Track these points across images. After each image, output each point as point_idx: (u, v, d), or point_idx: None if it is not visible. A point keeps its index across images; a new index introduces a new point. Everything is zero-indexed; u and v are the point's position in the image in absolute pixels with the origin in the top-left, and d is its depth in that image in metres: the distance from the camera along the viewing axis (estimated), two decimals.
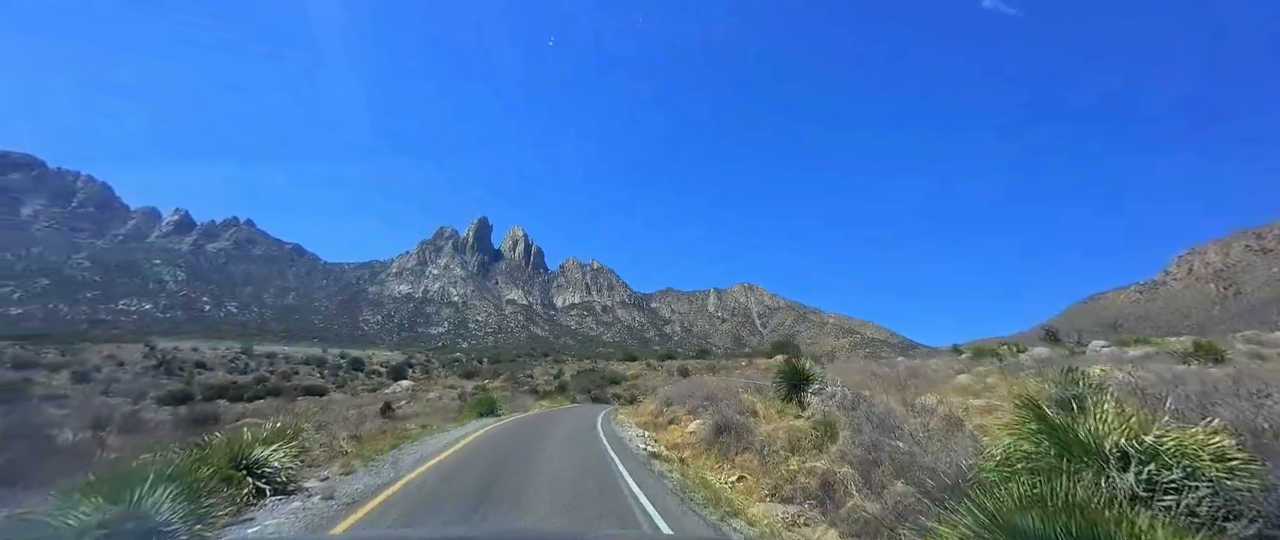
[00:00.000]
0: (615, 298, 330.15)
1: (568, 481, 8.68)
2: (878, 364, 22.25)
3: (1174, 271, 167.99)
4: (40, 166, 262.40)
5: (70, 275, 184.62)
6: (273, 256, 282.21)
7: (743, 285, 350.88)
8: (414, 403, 27.77)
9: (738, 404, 12.91)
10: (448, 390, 35.20)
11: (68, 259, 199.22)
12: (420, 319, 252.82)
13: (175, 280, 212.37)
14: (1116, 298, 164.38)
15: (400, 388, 38.64)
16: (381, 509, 6.79)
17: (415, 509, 6.82)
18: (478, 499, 7.35)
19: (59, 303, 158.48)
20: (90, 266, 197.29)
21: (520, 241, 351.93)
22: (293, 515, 6.56)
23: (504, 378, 52.55)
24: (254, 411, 22.39)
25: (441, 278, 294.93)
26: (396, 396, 30.47)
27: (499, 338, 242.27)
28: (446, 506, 6.95)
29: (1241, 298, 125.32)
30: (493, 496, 7.50)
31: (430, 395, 30.85)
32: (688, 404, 16.66)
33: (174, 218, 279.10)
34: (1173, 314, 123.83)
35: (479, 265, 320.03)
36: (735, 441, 10.24)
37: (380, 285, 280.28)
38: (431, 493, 7.78)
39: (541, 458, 11.08)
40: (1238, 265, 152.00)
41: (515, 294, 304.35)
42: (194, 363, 57.35)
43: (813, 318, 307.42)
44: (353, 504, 7.06)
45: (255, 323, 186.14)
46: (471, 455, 11.56)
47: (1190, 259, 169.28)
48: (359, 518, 6.43)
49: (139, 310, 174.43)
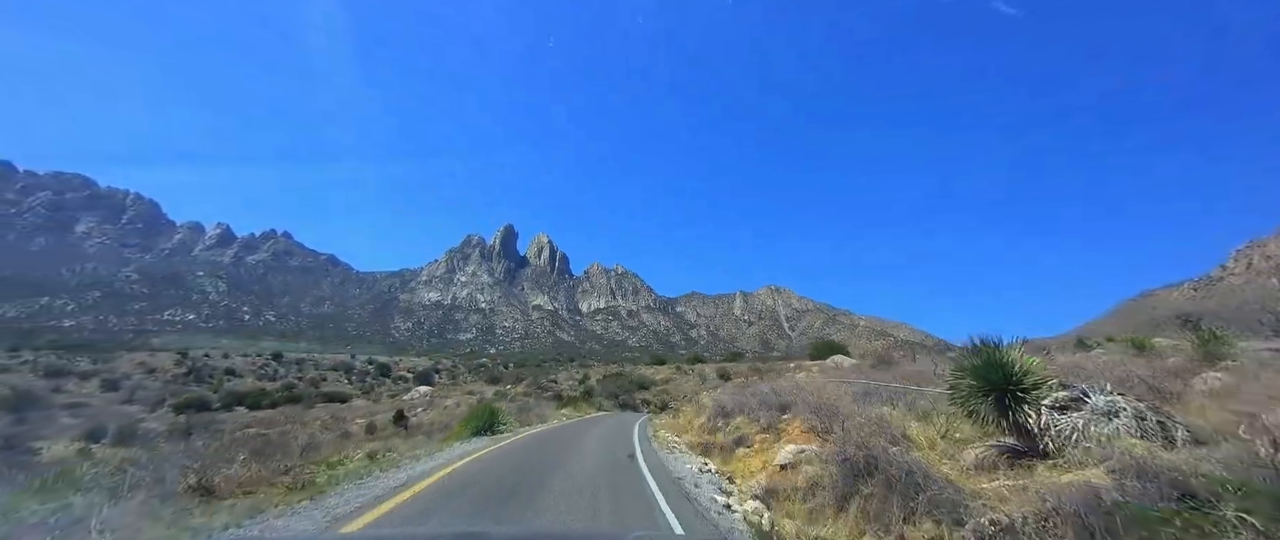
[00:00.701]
0: (640, 302, 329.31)
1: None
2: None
3: (1232, 266, 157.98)
4: (92, 186, 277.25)
5: (119, 288, 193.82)
6: (309, 267, 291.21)
7: (769, 288, 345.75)
8: (431, 409, 27.11)
9: (871, 422, 8.09)
10: (467, 396, 34.12)
11: (117, 273, 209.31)
12: (449, 325, 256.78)
13: (217, 291, 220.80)
14: (1170, 295, 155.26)
15: (419, 394, 37.96)
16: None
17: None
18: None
19: (109, 314, 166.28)
20: (138, 279, 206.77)
21: (545, 248, 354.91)
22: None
23: (526, 383, 51.47)
24: (264, 421, 22.30)
25: (469, 285, 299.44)
26: (414, 403, 29.76)
27: (525, 343, 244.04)
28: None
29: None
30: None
31: (448, 402, 29.85)
32: (759, 416, 12.72)
33: (216, 232, 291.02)
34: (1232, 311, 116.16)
35: (505, 272, 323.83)
36: (896, 496, 5.39)
37: (410, 293, 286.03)
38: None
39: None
40: None
41: (541, 300, 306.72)
42: (224, 370, 58.82)
43: (843, 320, 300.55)
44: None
45: (292, 331, 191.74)
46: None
47: (1249, 252, 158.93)
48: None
49: (183, 320, 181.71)
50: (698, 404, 22.19)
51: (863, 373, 21.81)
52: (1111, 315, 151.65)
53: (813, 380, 18.40)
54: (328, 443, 15.13)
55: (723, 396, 18.83)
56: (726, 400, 17.09)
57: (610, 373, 68.52)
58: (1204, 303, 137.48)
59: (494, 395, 35.37)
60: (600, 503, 7.19)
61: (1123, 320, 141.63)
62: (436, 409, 27.05)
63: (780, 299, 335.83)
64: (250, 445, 11.78)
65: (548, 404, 36.03)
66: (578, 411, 32.07)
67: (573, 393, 58.61)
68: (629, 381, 57.10)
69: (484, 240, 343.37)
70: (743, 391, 18.20)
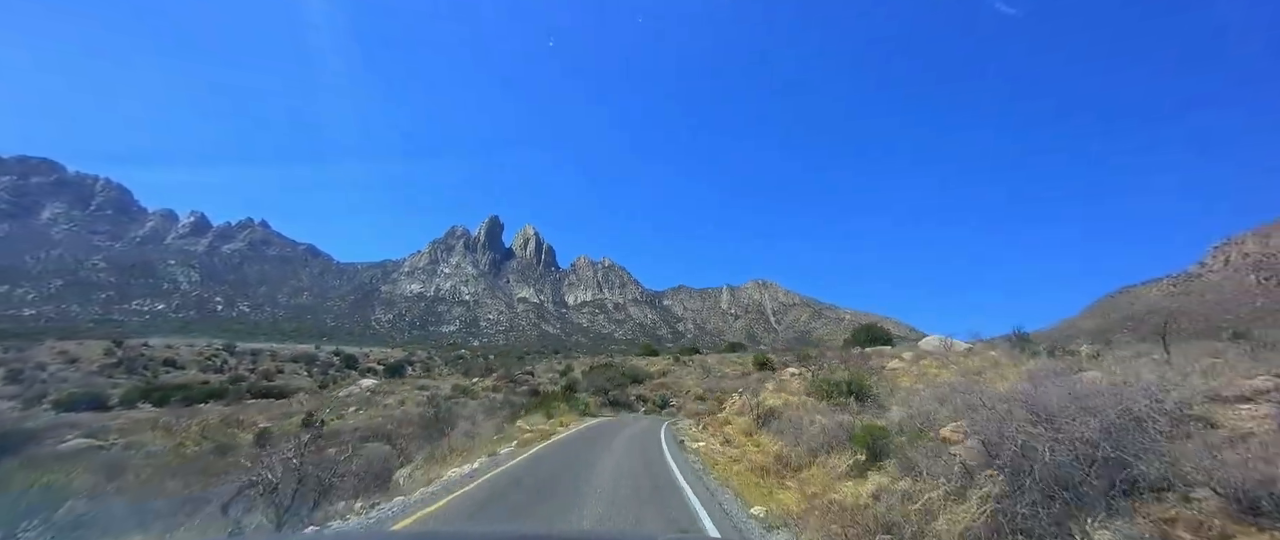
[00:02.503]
0: (627, 295, 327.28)
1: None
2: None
3: (1210, 263, 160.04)
4: (60, 170, 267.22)
5: (85, 276, 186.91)
6: (287, 257, 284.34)
7: (756, 282, 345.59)
8: (368, 408, 24.26)
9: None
10: (416, 393, 30.62)
11: (84, 260, 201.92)
12: (432, 318, 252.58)
13: (189, 281, 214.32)
14: (1148, 292, 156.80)
15: (358, 389, 34.09)
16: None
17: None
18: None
19: (72, 303, 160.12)
20: (106, 268, 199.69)
21: (531, 240, 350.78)
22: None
23: (497, 376, 47.85)
24: (143, 422, 19.72)
25: (453, 276, 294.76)
26: (348, 401, 26.60)
27: (510, 336, 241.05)
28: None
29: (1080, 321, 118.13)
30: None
31: (388, 400, 26.27)
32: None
33: (190, 219, 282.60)
34: (1211, 307, 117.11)
35: (490, 264, 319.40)
36: None
37: (392, 285, 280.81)
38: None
39: None
40: (1278, 254, 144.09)
41: (527, 292, 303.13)
42: (163, 361, 55.36)
43: (829, 314, 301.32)
44: None
45: (268, 322, 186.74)
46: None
47: (1227, 249, 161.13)
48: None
49: (152, 310, 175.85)
50: (732, 403, 18.37)
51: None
52: (1091, 311, 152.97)
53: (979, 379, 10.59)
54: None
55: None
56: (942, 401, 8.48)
57: (598, 364, 59.57)
58: (1182, 299, 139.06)
59: (453, 391, 31.88)
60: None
61: (1100, 316, 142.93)
62: (374, 408, 24.15)
63: (767, 293, 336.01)
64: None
65: (505, 413, 27.52)
66: (554, 419, 21.67)
67: (552, 387, 50.68)
68: (620, 374, 49.67)
69: (468, 231, 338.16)
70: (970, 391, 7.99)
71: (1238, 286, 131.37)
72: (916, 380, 14.99)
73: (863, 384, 14.13)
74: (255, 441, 17.78)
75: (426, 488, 9.30)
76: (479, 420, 18.99)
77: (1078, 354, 14.71)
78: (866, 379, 14.66)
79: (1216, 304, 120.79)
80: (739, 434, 14.41)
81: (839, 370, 17.14)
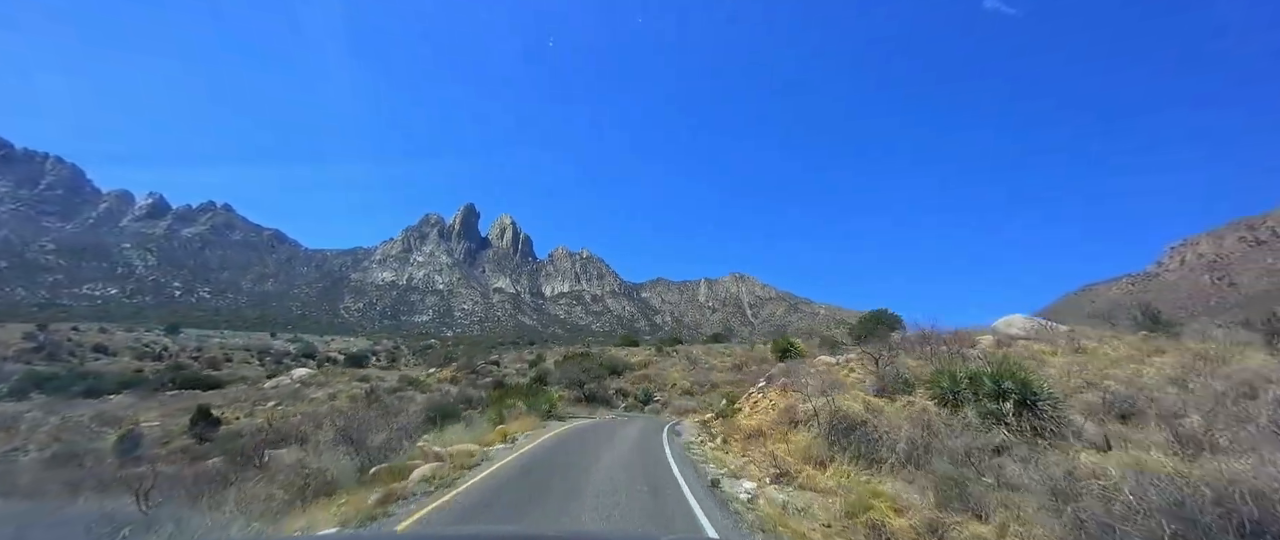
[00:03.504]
0: (605, 287, 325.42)
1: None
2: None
3: (1167, 263, 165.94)
4: (7, 147, 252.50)
5: (32, 258, 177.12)
6: (252, 242, 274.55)
7: (734, 275, 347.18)
8: (297, 402, 22.16)
9: None
10: (355, 385, 28.16)
11: (32, 242, 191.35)
12: (404, 307, 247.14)
13: (145, 265, 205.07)
14: (1109, 290, 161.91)
15: (287, 381, 31.32)
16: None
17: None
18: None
19: (16, 286, 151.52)
20: (55, 249, 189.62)
21: (508, 229, 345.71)
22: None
23: (456, 366, 45.38)
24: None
25: (426, 265, 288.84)
26: (269, 395, 24.29)
27: (485, 326, 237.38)
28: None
29: (1237, 289, 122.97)
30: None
31: (317, 394, 24.15)
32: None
33: (148, 201, 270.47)
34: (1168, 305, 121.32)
35: (465, 253, 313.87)
36: None
37: (363, 272, 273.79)
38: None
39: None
40: (1231, 256, 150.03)
41: (503, 282, 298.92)
42: (92, 347, 51.78)
43: (804, 308, 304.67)
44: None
45: (229, 309, 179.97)
46: None
47: (1183, 250, 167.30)
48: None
49: (103, 294, 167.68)
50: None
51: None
52: (1056, 306, 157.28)
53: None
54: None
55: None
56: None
57: (572, 353, 54.23)
58: (1140, 296, 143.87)
59: (399, 383, 29.58)
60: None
61: (1063, 312, 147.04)
62: (303, 402, 22.02)
63: (744, 286, 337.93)
64: None
65: (476, 404, 23.11)
66: (502, 427, 15.75)
67: (520, 378, 46.62)
68: (597, 365, 45.49)
69: (443, 219, 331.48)
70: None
71: (1193, 285, 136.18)
72: (1069, 375, 10.94)
73: (1027, 382, 8.93)
74: (116, 446, 15.61)
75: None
76: (413, 426, 13.90)
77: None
78: (1024, 373, 9.59)
79: (1173, 302, 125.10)
80: (801, 460, 9.35)
81: (953, 362, 12.10)
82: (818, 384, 12.74)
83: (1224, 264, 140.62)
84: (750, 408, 15.99)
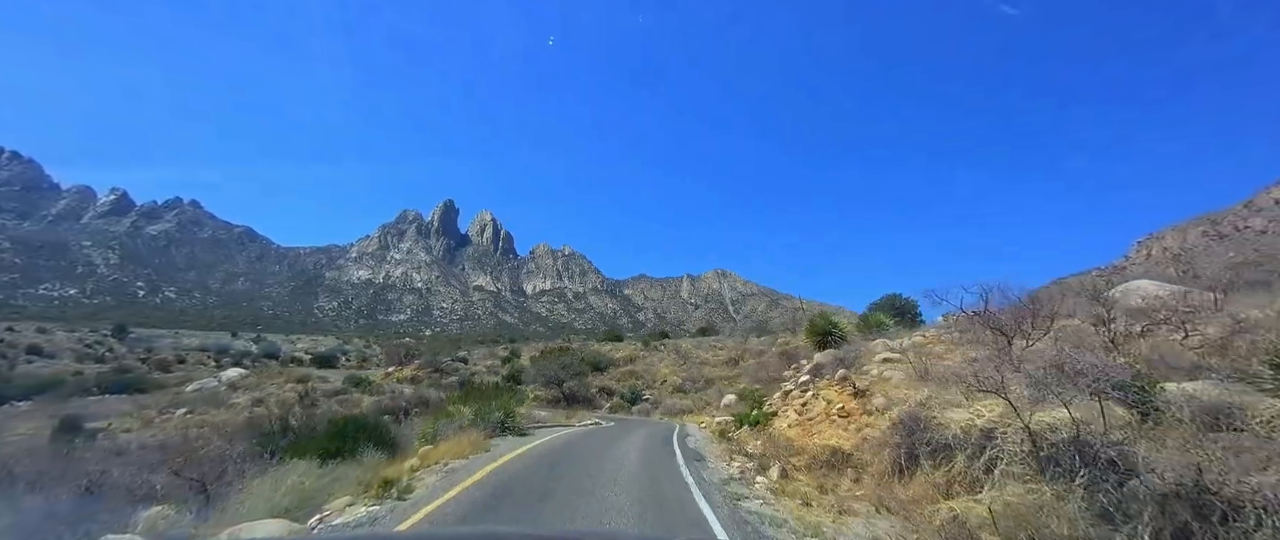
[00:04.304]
0: (587, 284, 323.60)
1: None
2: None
3: (1134, 256, 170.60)
4: None
5: None
6: (221, 240, 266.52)
7: (716, 271, 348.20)
8: (213, 410, 19.95)
9: None
10: (291, 386, 26.05)
11: None
12: (381, 306, 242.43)
13: (107, 264, 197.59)
14: (1077, 283, 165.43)
15: (213, 383, 28.81)
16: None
17: None
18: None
19: None
20: (10, 248, 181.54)
21: (489, 226, 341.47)
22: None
23: (418, 364, 43.40)
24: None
25: (404, 263, 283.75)
26: (187, 400, 21.94)
27: (465, 325, 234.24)
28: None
29: (1199, 281, 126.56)
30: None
31: (239, 400, 21.79)
32: None
33: (111, 198, 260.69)
34: None
35: (445, 250, 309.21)
36: None
37: (338, 271, 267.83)
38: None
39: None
40: (1194, 250, 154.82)
41: (483, 280, 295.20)
42: (26, 347, 48.99)
43: (785, 303, 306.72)
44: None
45: (196, 309, 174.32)
46: None
47: (1149, 244, 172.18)
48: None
49: (61, 295, 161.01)
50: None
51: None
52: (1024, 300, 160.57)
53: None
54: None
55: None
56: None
57: (550, 349, 49.38)
58: None
59: (344, 384, 27.85)
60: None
61: None
62: (222, 409, 19.86)
63: (726, 282, 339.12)
64: None
65: (431, 406, 19.48)
66: (436, 445, 12.01)
67: (492, 377, 43.77)
68: (578, 360, 42.53)
69: (422, 216, 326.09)
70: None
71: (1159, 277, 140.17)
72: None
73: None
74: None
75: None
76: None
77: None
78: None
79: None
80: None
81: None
82: (878, 371, 9.63)
83: (1188, 257, 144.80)
84: (797, 413, 11.94)
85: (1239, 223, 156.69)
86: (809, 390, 12.69)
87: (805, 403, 12.06)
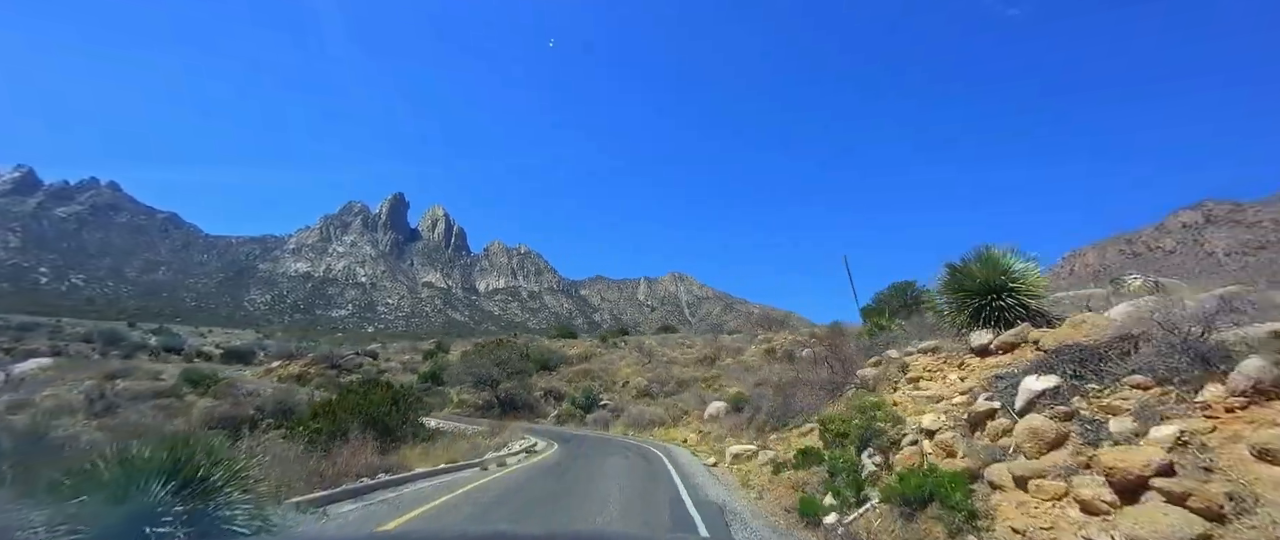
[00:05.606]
0: (543, 284, 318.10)
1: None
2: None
3: (1059, 271, 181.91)
4: None
5: None
6: (141, 225, 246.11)
7: (673, 274, 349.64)
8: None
9: None
10: (102, 383, 22.35)
11: None
12: (320, 300, 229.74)
13: (6, 247, 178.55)
14: None
15: (9, 375, 25.10)
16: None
17: None
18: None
19: None
20: None
21: (440, 221, 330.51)
22: None
23: (308, 360, 38.35)
24: None
25: (347, 256, 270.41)
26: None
27: (411, 322, 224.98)
28: None
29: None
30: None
31: (40, 397, 18.94)
32: None
33: (14, 175, 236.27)
34: None
35: (392, 244, 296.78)
36: None
37: (273, 262, 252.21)
38: None
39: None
40: (1112, 267, 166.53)
41: (433, 276, 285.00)
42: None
43: (739, 307, 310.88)
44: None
45: (105, 299, 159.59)
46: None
47: (1073, 259, 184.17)
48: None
49: None
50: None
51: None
52: None
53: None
54: None
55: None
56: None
57: (485, 344, 41.62)
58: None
59: (179, 377, 24.29)
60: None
61: None
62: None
63: (683, 285, 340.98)
64: None
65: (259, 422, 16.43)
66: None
67: (408, 375, 39.19)
68: (520, 357, 36.57)
69: (368, 208, 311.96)
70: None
71: None
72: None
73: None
74: None
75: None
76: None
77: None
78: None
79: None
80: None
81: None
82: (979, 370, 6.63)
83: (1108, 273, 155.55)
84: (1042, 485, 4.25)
85: (1151, 243, 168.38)
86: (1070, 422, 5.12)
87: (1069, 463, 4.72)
